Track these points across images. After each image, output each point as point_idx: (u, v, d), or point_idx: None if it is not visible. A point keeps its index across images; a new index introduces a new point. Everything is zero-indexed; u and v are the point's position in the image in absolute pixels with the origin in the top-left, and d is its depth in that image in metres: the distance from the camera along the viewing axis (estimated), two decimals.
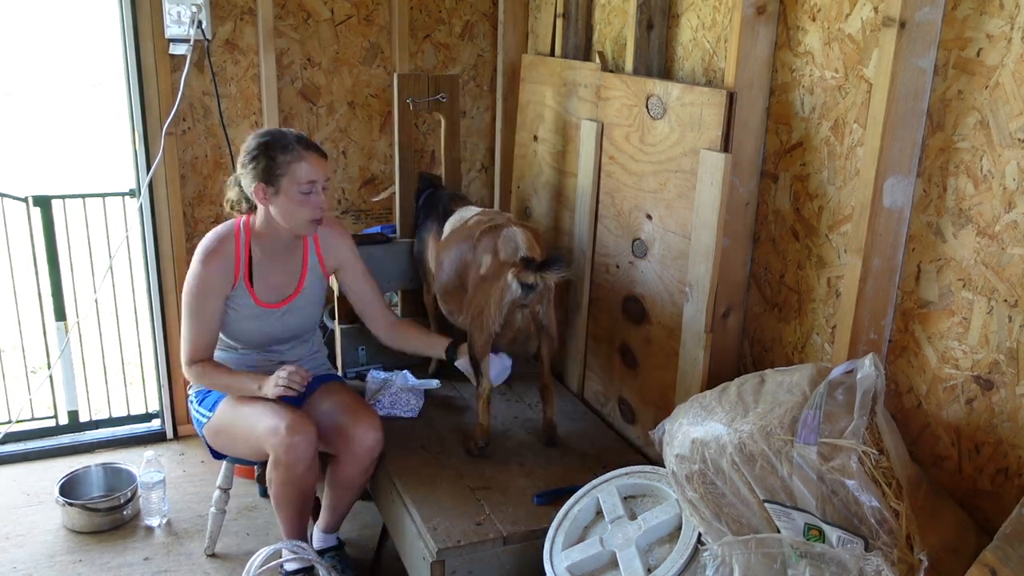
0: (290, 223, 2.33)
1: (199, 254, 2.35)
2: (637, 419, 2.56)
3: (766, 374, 1.84)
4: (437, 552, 2.00)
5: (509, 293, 2.22)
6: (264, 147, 2.28)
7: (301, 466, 2.24)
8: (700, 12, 2.32)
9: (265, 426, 2.25)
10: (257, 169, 2.28)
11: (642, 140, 2.40)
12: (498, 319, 2.25)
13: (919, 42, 1.67)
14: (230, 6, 3.03)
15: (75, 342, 3.27)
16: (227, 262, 2.35)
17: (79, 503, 2.77)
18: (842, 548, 1.57)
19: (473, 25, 3.37)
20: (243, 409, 2.34)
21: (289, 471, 2.24)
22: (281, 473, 2.26)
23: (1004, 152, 1.58)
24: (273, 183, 2.28)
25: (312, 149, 2.31)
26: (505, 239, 2.29)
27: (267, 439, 2.24)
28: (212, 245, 2.36)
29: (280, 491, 2.30)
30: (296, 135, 2.33)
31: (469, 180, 3.52)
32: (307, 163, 2.27)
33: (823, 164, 1.98)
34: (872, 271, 1.81)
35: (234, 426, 2.36)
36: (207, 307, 2.35)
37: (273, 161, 2.26)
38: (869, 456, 1.55)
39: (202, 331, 2.36)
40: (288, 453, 2.22)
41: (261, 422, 2.27)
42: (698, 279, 2.18)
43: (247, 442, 2.33)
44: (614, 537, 1.94)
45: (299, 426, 2.24)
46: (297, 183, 2.27)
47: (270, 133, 2.34)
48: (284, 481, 2.27)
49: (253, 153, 2.30)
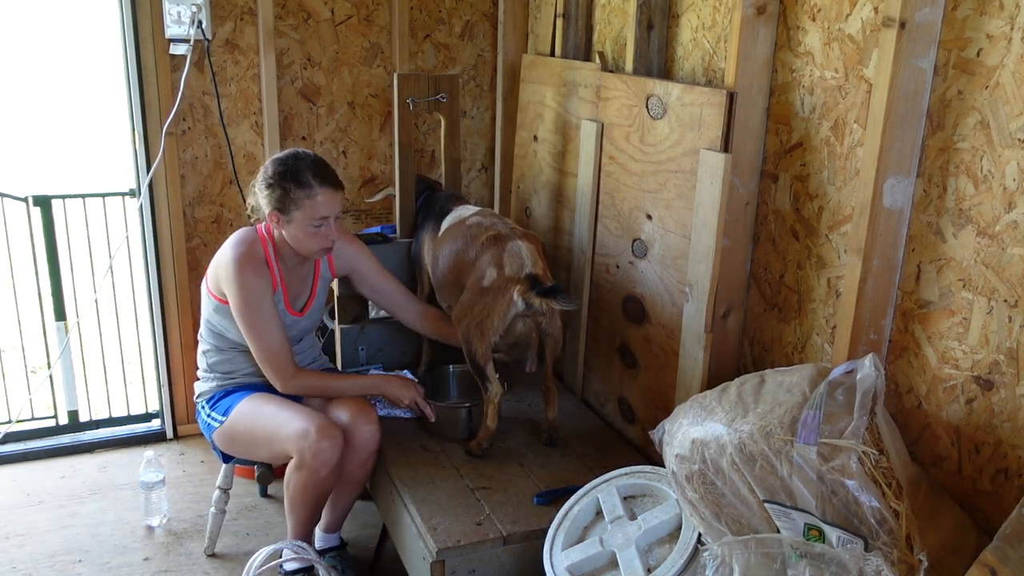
0: (300, 249, 2.35)
1: (238, 263, 2.29)
2: (637, 419, 2.56)
3: (766, 374, 1.84)
4: (437, 552, 2.00)
5: (513, 308, 2.27)
6: (280, 177, 2.28)
7: (325, 470, 2.25)
8: (700, 12, 2.32)
9: (295, 429, 2.25)
10: (272, 197, 2.29)
11: (642, 140, 2.40)
12: (500, 330, 2.30)
13: (919, 42, 1.67)
14: (230, 6, 3.03)
15: (75, 342, 3.27)
16: (264, 268, 2.34)
17: None
18: (842, 548, 1.57)
19: (473, 25, 3.37)
20: (265, 412, 2.34)
21: (313, 475, 2.25)
22: (304, 476, 2.26)
23: (1004, 152, 1.58)
24: (287, 213, 2.29)
25: (328, 183, 2.29)
26: (510, 254, 2.31)
27: (295, 442, 2.24)
28: (246, 251, 2.32)
29: (299, 493, 2.30)
30: (313, 164, 2.30)
31: (469, 180, 3.52)
32: (321, 199, 2.27)
33: (823, 164, 1.98)
34: (872, 271, 1.81)
35: (255, 430, 2.35)
36: (267, 310, 2.31)
37: (287, 194, 2.27)
38: (869, 456, 1.55)
39: (276, 337, 2.32)
40: (316, 457, 2.22)
41: (290, 425, 2.26)
42: (698, 279, 2.18)
43: (268, 445, 2.33)
44: (614, 537, 1.94)
45: (329, 431, 2.25)
46: (310, 218, 2.28)
47: (288, 163, 2.30)
48: (306, 484, 2.27)
49: (270, 181, 2.29)
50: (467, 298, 2.36)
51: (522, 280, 2.26)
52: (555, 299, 2.22)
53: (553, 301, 2.22)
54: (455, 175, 2.95)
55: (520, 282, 2.26)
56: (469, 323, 2.32)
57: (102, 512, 2.89)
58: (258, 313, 2.30)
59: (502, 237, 2.36)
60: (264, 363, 2.35)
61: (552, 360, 2.46)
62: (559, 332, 2.42)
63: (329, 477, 2.28)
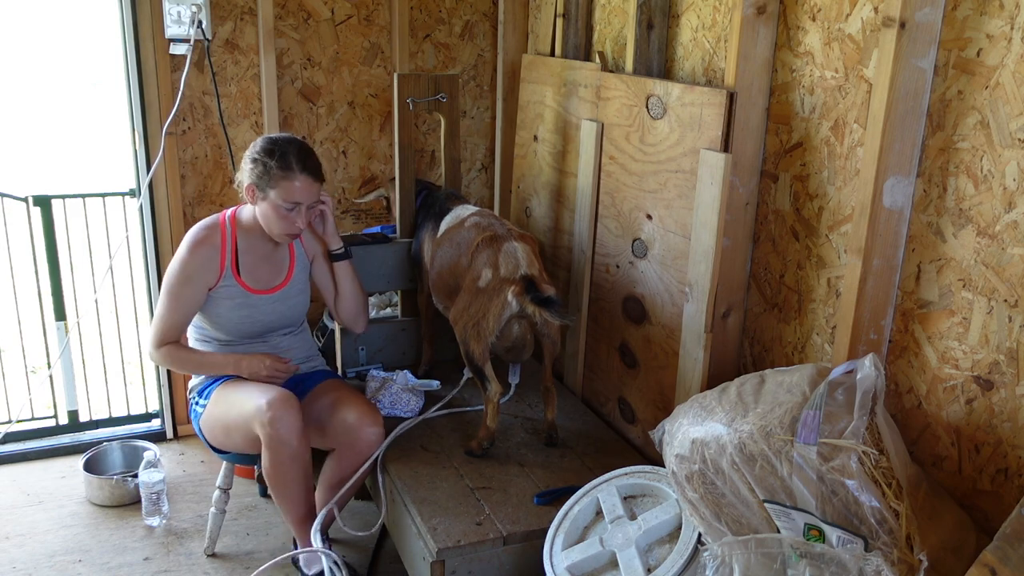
0: (267, 228, 2.41)
1: (187, 242, 2.41)
2: (637, 419, 2.56)
3: (766, 374, 1.84)
4: (437, 552, 2.00)
5: (508, 309, 2.28)
6: (265, 154, 2.33)
7: (293, 440, 2.25)
8: (700, 12, 2.32)
9: (253, 406, 2.27)
10: (253, 172, 2.35)
11: (642, 140, 2.40)
12: (496, 330, 2.30)
13: (919, 42, 1.67)
14: (230, 6, 3.03)
15: (75, 342, 3.27)
16: (213, 252, 2.41)
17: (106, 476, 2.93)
18: (842, 548, 1.57)
19: (473, 25, 3.37)
20: (232, 396, 2.37)
21: (282, 448, 2.25)
22: (274, 452, 2.26)
23: (1004, 152, 1.58)
24: (263, 189, 2.35)
25: (308, 171, 2.35)
26: (506, 254, 2.32)
27: (255, 419, 2.26)
28: (200, 235, 2.42)
29: (276, 472, 2.29)
30: (299, 150, 2.35)
31: (469, 180, 3.52)
32: (298, 183, 2.33)
33: (823, 164, 1.98)
34: (872, 271, 1.81)
35: (227, 414, 2.38)
36: (185, 292, 2.39)
37: (268, 171, 2.32)
38: (869, 456, 1.55)
39: (176, 315, 2.40)
40: (274, 427, 2.23)
41: (249, 403, 2.29)
42: (698, 279, 2.18)
43: (240, 431, 2.34)
44: (614, 537, 1.94)
45: (283, 401, 2.26)
46: (283, 200, 2.33)
47: (277, 142, 2.37)
48: (279, 460, 2.27)
49: (255, 156, 2.36)
50: (463, 299, 2.36)
51: (517, 281, 2.26)
52: (549, 311, 2.22)
53: (547, 313, 2.22)
54: (455, 175, 2.95)
55: (515, 283, 2.26)
56: (466, 324, 2.32)
57: (102, 512, 2.89)
58: (176, 287, 2.38)
59: (498, 238, 2.37)
60: (150, 330, 2.46)
61: (551, 361, 2.46)
62: (556, 334, 2.42)
63: (301, 448, 2.28)
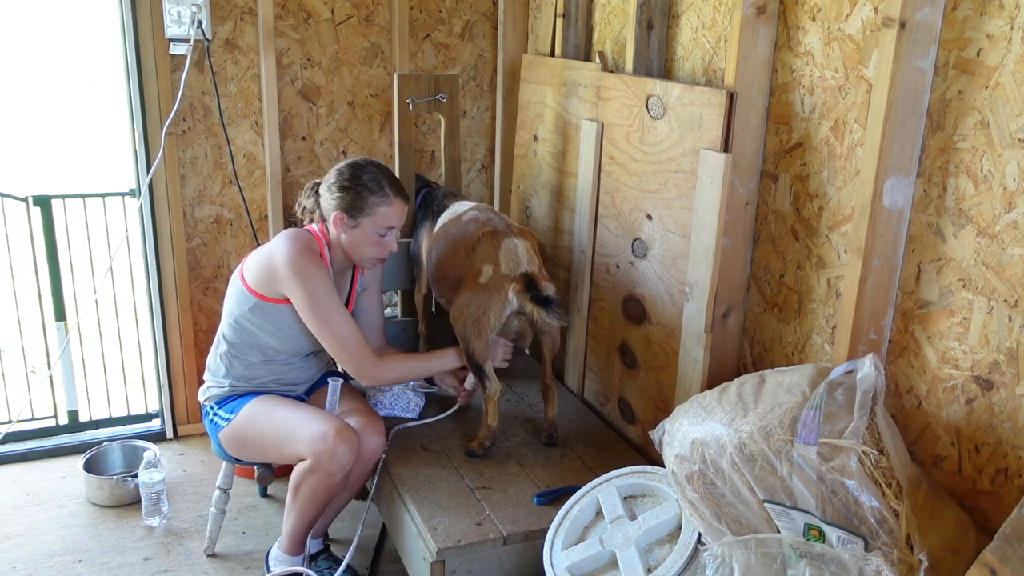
0: (355, 256, 2.38)
1: (302, 256, 2.25)
2: (637, 419, 2.56)
3: (766, 374, 1.84)
4: (437, 552, 2.00)
5: (509, 306, 2.28)
6: (357, 181, 2.30)
7: (341, 474, 2.25)
8: (700, 12, 2.32)
9: (312, 432, 2.23)
10: (344, 200, 2.31)
11: (642, 140, 2.40)
12: (496, 327, 2.30)
13: (919, 42, 1.67)
14: (230, 6, 3.03)
15: (75, 342, 3.27)
16: (322, 262, 2.34)
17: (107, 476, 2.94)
18: (842, 548, 1.57)
19: (473, 25, 3.37)
20: (278, 415, 2.33)
21: (328, 478, 2.24)
22: (318, 478, 2.24)
23: (1004, 152, 1.58)
24: (354, 217, 2.31)
25: (401, 196, 2.35)
26: (506, 251, 2.32)
27: (311, 444, 2.22)
28: (306, 246, 2.29)
29: (310, 495, 2.28)
30: (388, 175, 2.35)
31: (469, 180, 3.52)
32: (393, 209, 2.32)
33: (823, 164, 1.98)
34: (872, 271, 1.81)
35: (266, 432, 2.34)
36: (336, 300, 2.28)
37: (362, 199, 2.29)
38: (869, 456, 1.55)
39: (353, 326, 2.31)
40: (333, 460, 2.21)
41: (306, 428, 2.25)
42: (698, 279, 2.18)
43: (280, 448, 2.31)
44: (614, 537, 1.94)
45: (347, 435, 2.24)
46: (377, 225, 2.31)
47: (365, 168, 2.34)
48: (318, 487, 2.26)
49: (345, 184, 2.31)
50: (464, 296, 2.36)
51: (517, 278, 2.26)
52: (547, 311, 2.22)
53: (545, 313, 2.23)
54: (455, 175, 2.95)
55: (516, 280, 2.26)
56: (466, 321, 2.32)
57: (102, 512, 2.89)
58: (327, 303, 2.26)
59: (498, 233, 2.37)
60: (342, 355, 2.30)
61: (551, 359, 2.46)
62: (556, 331, 2.42)
63: (343, 480, 2.27)
